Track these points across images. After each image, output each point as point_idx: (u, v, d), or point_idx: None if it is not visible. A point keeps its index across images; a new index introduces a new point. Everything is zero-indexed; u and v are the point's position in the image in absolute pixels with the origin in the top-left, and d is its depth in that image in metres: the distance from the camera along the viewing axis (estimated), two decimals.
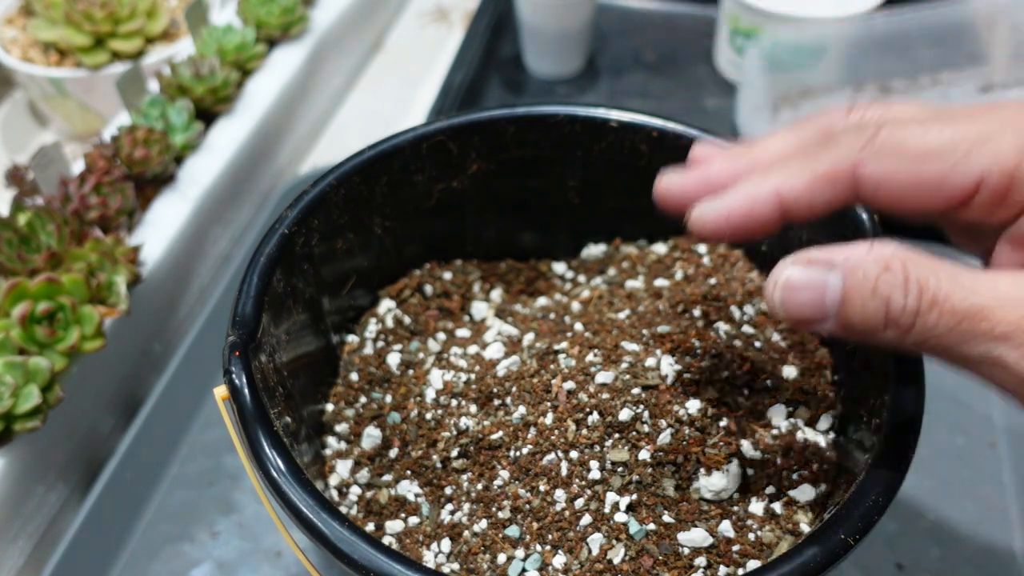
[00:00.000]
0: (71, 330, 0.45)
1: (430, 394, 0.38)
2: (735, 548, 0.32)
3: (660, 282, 0.42)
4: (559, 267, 0.47)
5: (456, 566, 0.33)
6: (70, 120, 0.72)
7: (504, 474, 0.34)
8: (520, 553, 0.32)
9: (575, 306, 0.42)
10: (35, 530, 0.47)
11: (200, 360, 0.54)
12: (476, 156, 0.43)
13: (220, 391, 0.32)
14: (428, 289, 0.44)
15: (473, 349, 0.40)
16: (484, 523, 0.33)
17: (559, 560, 0.31)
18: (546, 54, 0.77)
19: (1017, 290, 0.24)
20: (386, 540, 0.35)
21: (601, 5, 0.83)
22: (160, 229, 0.55)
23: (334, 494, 0.38)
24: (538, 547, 0.32)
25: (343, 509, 0.37)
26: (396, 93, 0.81)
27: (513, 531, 0.32)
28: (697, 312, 0.39)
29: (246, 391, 0.31)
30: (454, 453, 0.36)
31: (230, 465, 0.51)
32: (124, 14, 0.67)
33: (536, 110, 0.42)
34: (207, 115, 0.63)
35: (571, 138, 0.42)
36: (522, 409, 0.35)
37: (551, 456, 0.33)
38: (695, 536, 0.31)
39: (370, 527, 0.36)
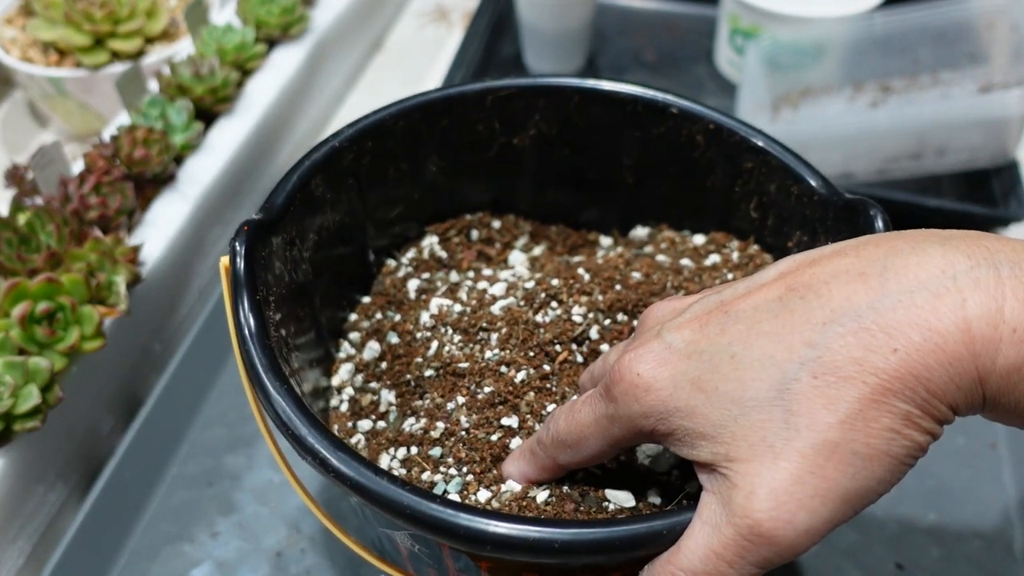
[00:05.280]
0: (71, 330, 0.45)
1: (424, 318, 0.40)
2: None
3: (685, 261, 0.43)
4: (606, 240, 0.48)
5: (404, 472, 0.36)
6: (70, 120, 0.72)
7: (460, 399, 0.36)
8: (452, 472, 0.34)
9: (596, 261, 0.44)
10: (35, 530, 0.47)
11: (200, 360, 0.54)
12: (539, 118, 0.44)
13: (224, 260, 0.34)
14: (474, 234, 0.46)
15: (482, 285, 0.42)
16: (429, 439, 0.36)
17: (483, 494, 0.33)
18: (546, 54, 0.77)
19: None
20: (356, 438, 0.38)
21: (601, 5, 0.83)
22: (160, 229, 0.55)
23: (333, 391, 0.41)
24: (463, 468, 0.34)
25: (334, 403, 0.40)
26: (396, 93, 0.80)
27: (436, 452, 0.35)
28: None
29: (240, 261, 0.33)
30: (427, 373, 0.38)
31: (230, 465, 0.51)
32: (124, 14, 0.67)
33: (602, 85, 0.44)
34: (207, 115, 0.63)
35: (632, 118, 0.43)
36: (497, 350, 0.37)
37: (505, 405, 0.36)
38: (620, 496, 0.32)
39: (349, 425, 0.39)
